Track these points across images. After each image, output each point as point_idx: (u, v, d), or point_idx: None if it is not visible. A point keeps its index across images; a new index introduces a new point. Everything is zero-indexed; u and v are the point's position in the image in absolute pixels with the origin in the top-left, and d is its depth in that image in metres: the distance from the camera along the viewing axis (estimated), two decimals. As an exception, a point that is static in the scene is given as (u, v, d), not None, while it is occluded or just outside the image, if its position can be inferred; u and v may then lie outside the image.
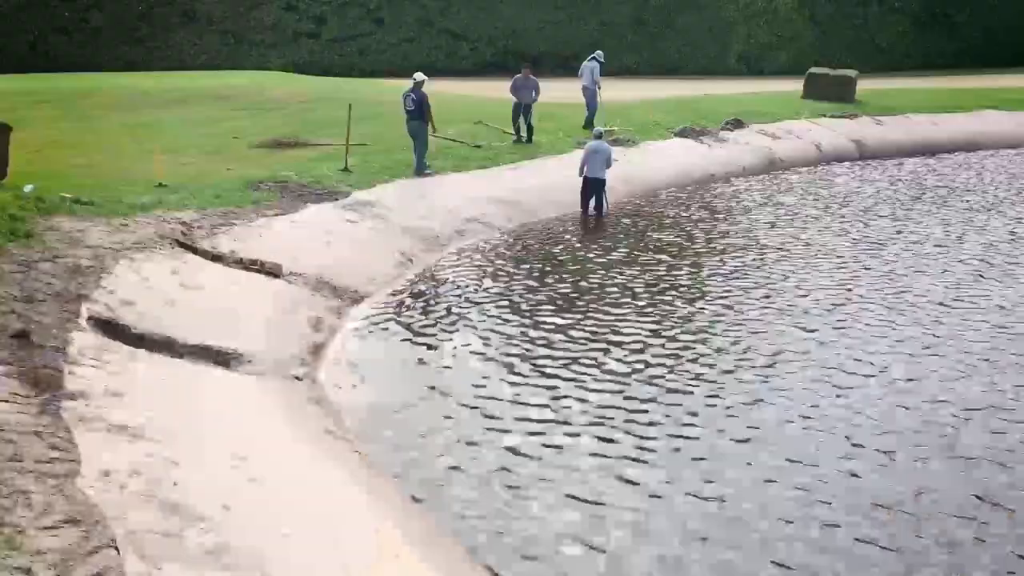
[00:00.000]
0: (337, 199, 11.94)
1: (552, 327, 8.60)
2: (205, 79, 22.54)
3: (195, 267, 8.76)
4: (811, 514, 5.46)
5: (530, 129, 16.25)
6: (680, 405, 6.94)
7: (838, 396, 7.03)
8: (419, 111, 13.48)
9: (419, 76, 13.80)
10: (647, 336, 8.31)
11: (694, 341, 8.20)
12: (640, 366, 7.66)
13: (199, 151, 14.44)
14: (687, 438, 6.44)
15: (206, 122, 17.20)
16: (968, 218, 13.03)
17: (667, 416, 6.79)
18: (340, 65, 28.98)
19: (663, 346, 8.10)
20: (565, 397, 7.09)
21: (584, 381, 7.37)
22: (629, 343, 8.18)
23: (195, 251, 9.20)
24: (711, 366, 7.66)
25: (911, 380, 7.30)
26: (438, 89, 16.97)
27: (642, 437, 6.44)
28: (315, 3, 29.94)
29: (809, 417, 6.70)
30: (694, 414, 6.77)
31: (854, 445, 6.29)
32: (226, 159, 13.93)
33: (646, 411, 6.83)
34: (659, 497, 5.70)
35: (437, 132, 14.11)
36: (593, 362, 7.75)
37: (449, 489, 5.89)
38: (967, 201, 14.19)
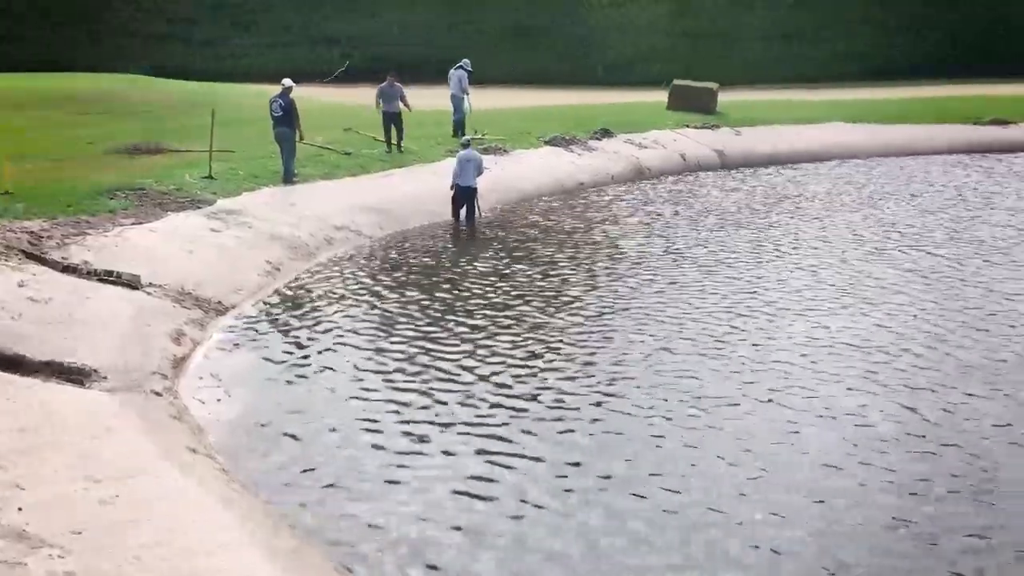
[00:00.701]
0: (200, 207, 11.57)
1: (421, 336, 8.55)
2: (58, 81, 21.47)
3: (45, 279, 8.31)
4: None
5: (400, 136, 16.17)
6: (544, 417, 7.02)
7: (682, 402, 7.19)
8: (287, 117, 13.23)
9: (287, 82, 13.54)
10: (507, 347, 8.28)
11: (553, 350, 8.24)
12: (499, 375, 7.64)
13: (49, 157, 13.74)
14: (560, 444, 6.51)
15: (58, 126, 16.39)
16: (822, 223, 13.64)
17: (519, 429, 6.84)
18: (206, 69, 28.15)
19: (521, 355, 8.11)
20: (427, 408, 7.05)
21: (448, 390, 7.34)
22: (493, 354, 8.15)
23: (44, 262, 8.74)
24: (560, 373, 7.75)
25: (748, 383, 7.56)
26: (308, 95, 16.72)
27: (488, 450, 6.42)
28: (181, 5, 29.01)
29: (651, 424, 6.77)
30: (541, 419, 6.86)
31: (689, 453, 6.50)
32: (79, 166, 13.31)
33: (494, 415, 6.87)
34: (506, 507, 5.75)
35: (305, 139, 13.86)
36: (459, 371, 7.73)
37: (319, 505, 5.77)
38: (817, 206, 14.88)
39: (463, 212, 13.29)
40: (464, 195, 13.23)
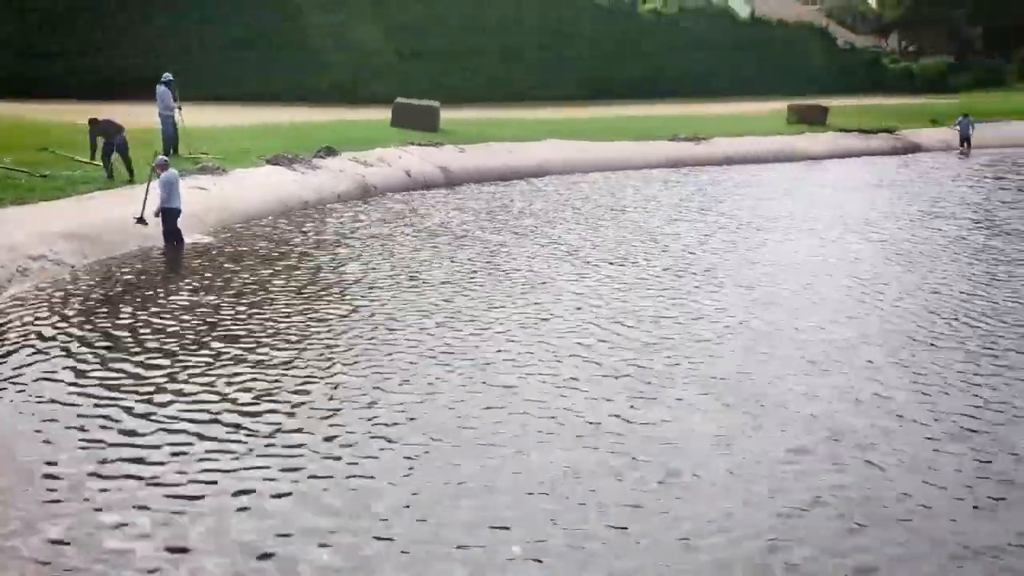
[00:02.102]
0: None
1: (122, 374, 7.93)
2: None
3: None
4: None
5: (106, 159, 15.03)
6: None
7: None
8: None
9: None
10: (216, 381, 7.88)
11: (268, 381, 7.96)
12: (194, 411, 7.23)
13: None
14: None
15: None
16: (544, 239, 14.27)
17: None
18: None
19: (231, 389, 7.72)
20: (125, 446, 6.57)
21: (146, 426, 6.86)
22: (200, 389, 7.69)
23: None
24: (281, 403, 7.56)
25: (470, 393, 7.78)
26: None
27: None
28: None
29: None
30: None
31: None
32: None
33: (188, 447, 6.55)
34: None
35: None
36: (161, 405, 7.22)
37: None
38: (538, 220, 15.57)
39: (173, 236, 12.61)
40: (173, 217, 12.57)
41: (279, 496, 5.77)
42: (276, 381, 7.71)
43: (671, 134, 27.21)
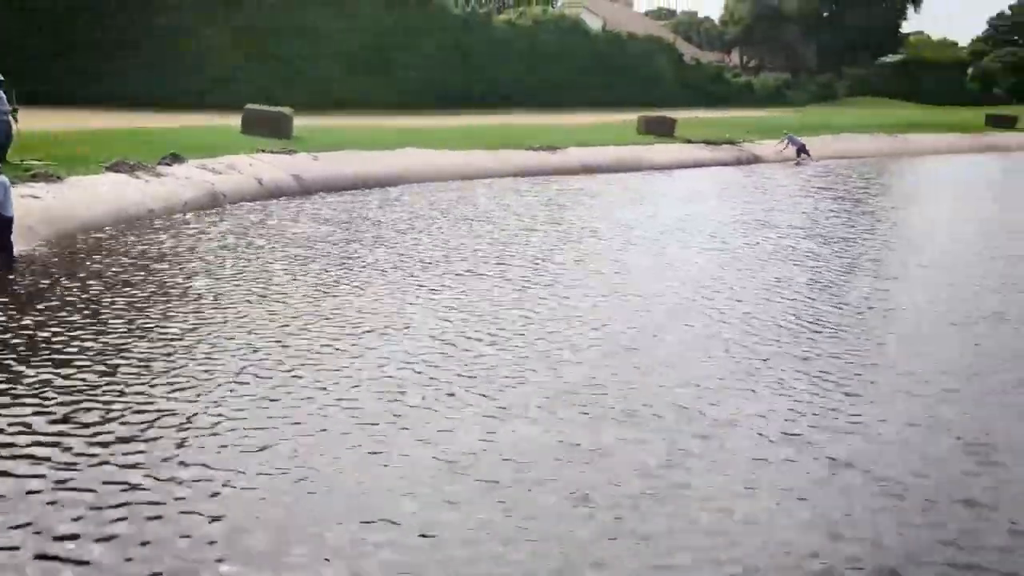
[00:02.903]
0: None
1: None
2: None
3: None
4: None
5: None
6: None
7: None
8: None
9: None
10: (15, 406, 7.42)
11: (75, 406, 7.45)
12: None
13: None
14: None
15: None
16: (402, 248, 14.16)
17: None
18: None
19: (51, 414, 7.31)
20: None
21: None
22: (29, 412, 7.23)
23: None
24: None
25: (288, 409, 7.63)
26: None
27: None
28: None
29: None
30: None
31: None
32: None
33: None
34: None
35: None
36: None
37: None
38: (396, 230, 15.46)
39: (2, 248, 11.78)
40: (6, 228, 11.76)
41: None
42: (81, 407, 7.08)
43: (527, 144, 27.57)
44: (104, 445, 6.41)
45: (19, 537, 5.19)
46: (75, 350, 8.38)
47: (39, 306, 9.84)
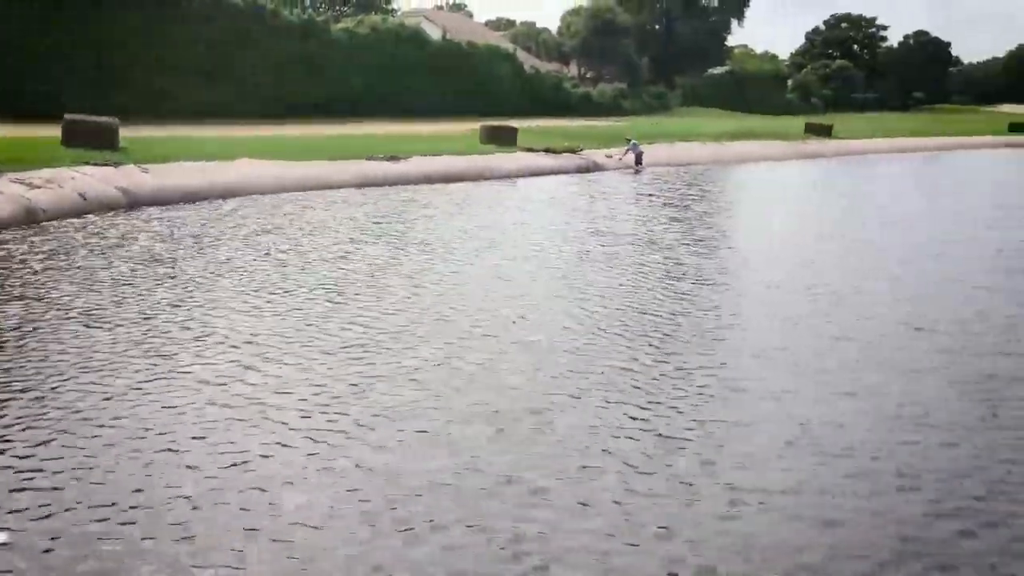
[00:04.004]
0: None
1: None
2: None
3: None
4: None
5: None
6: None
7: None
8: None
9: None
10: None
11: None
12: None
13: None
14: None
15: None
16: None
17: None
18: None
19: None
20: None
21: None
22: None
23: None
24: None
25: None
26: None
27: None
28: None
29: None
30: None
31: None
32: None
33: None
34: None
35: None
36: None
37: None
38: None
39: None
40: None
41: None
42: None
43: (368, 153, 27.25)
44: None
45: None
46: None
47: None
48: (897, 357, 9.26)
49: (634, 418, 7.30)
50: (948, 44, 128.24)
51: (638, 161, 32.91)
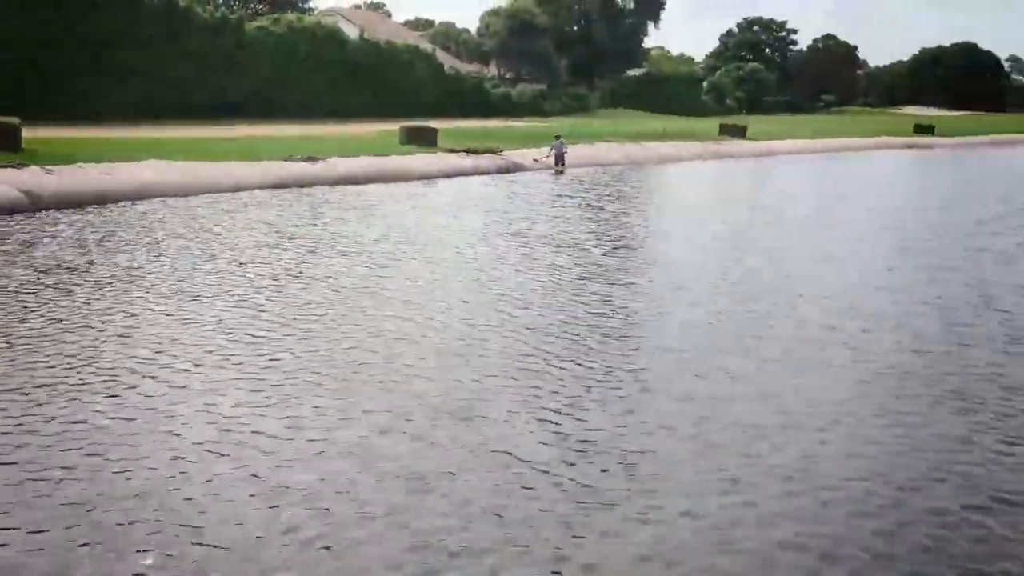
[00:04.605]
0: None
1: None
2: None
3: None
4: None
5: None
6: None
7: None
8: None
9: None
10: None
11: None
12: None
13: None
14: None
15: None
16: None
17: None
18: None
19: None
20: None
21: None
22: None
23: None
24: None
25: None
26: None
27: None
28: None
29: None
30: None
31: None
32: None
33: None
34: None
35: None
36: None
37: None
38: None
39: None
40: None
41: None
42: None
43: (286, 154, 26.88)
44: None
45: None
46: None
47: None
48: (811, 356, 9.53)
49: (542, 420, 7.35)
50: (855, 48, 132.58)
51: (559, 161, 33.07)
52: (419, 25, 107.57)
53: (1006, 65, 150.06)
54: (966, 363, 9.29)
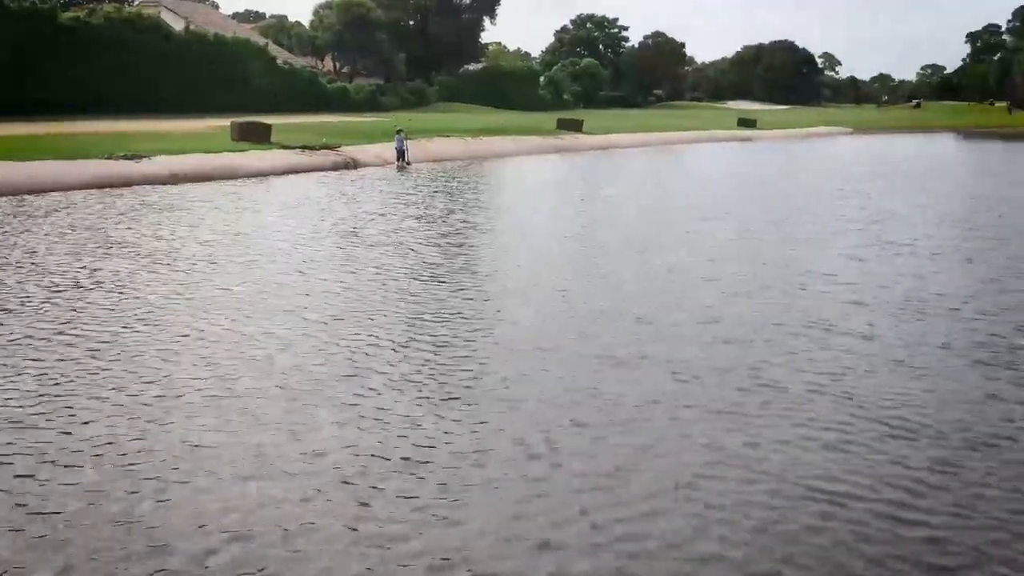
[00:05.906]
0: None
1: None
2: None
3: None
4: None
5: None
6: None
7: None
8: None
9: None
10: None
11: None
12: None
13: None
14: None
15: None
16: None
17: None
18: None
19: None
20: None
21: None
22: None
23: None
24: None
25: None
26: None
27: None
28: None
29: None
30: None
31: None
32: None
33: None
34: None
35: None
36: None
37: None
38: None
39: None
40: None
41: None
42: None
43: (106, 152, 25.31)
44: None
45: None
46: None
47: None
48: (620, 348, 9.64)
49: (361, 429, 7.07)
50: (683, 44, 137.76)
51: (401, 156, 32.58)
52: (248, 17, 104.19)
53: (819, 62, 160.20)
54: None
